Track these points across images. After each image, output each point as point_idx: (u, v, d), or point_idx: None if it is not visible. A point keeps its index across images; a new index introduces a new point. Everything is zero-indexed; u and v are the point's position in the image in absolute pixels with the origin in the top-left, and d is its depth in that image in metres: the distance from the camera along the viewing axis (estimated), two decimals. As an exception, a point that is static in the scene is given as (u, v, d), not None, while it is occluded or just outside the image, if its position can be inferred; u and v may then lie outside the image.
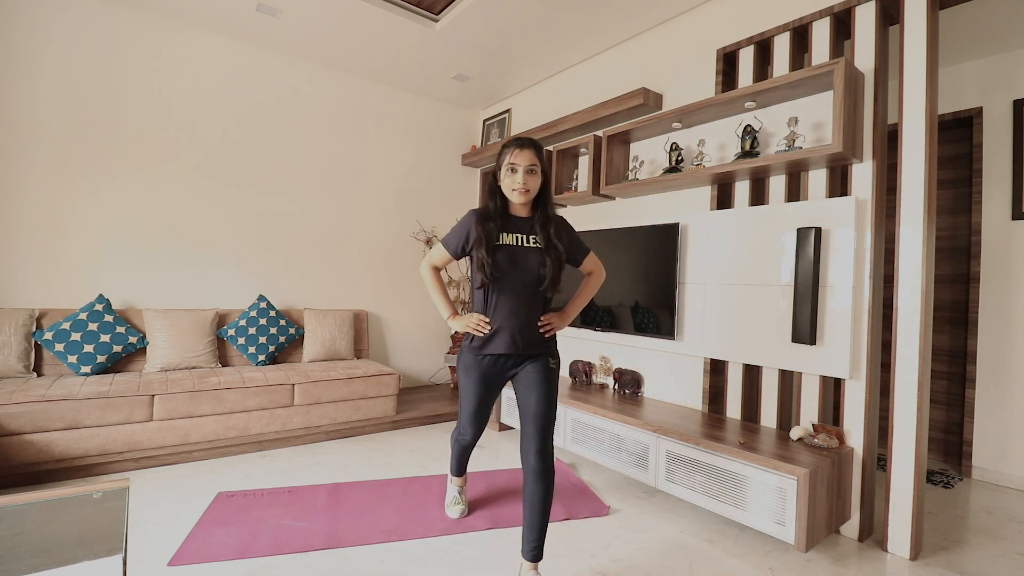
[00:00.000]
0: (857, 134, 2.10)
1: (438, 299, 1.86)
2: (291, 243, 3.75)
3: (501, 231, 1.72)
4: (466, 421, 1.92)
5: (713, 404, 2.64)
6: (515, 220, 1.76)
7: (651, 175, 2.99)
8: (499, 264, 1.67)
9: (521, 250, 1.72)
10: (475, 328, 1.73)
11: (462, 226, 1.77)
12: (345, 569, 1.77)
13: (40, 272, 2.91)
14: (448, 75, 3.95)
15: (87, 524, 0.99)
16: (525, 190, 1.69)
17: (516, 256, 1.70)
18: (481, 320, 1.73)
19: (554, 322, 1.80)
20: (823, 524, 1.93)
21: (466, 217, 1.78)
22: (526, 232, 1.74)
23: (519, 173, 1.68)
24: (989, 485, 2.79)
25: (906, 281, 2.00)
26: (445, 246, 1.81)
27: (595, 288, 1.94)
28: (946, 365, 3.10)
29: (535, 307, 1.75)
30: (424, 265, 1.88)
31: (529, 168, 1.68)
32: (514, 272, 1.70)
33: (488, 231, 1.69)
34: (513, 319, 1.72)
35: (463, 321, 1.78)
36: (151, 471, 2.56)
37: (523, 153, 1.69)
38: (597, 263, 1.92)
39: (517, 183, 1.68)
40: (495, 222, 1.72)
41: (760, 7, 2.53)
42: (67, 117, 2.97)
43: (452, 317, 1.83)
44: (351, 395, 3.20)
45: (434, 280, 1.86)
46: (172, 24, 3.25)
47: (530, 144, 1.70)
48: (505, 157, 1.71)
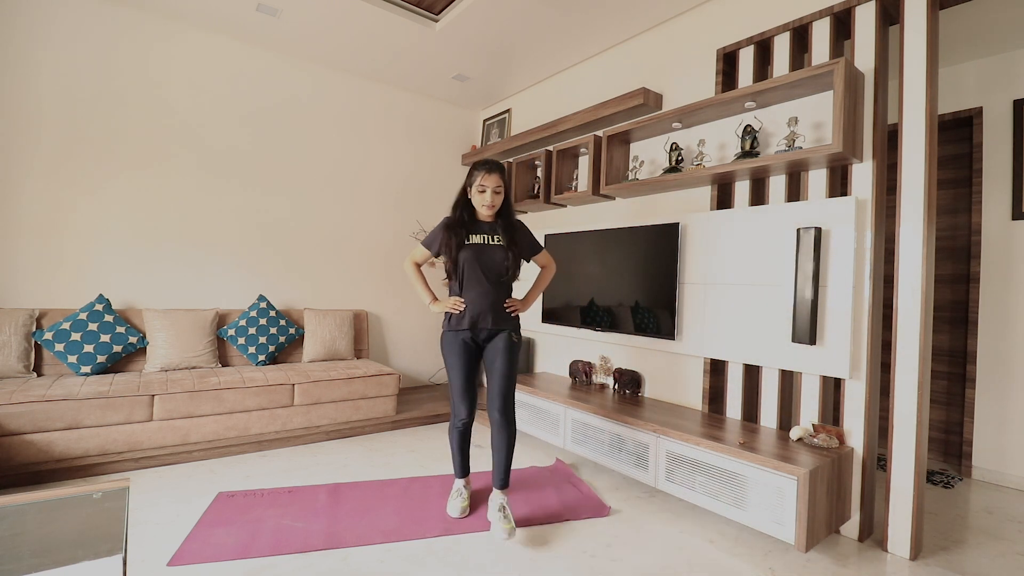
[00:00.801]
0: (857, 134, 2.10)
1: (419, 288, 2.27)
2: (291, 243, 3.75)
3: (470, 233, 2.12)
4: (458, 398, 2.16)
5: (713, 404, 2.64)
6: (481, 224, 2.17)
7: (651, 175, 2.99)
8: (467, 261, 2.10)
9: (487, 247, 2.13)
10: (452, 307, 2.13)
11: (437, 230, 2.19)
12: (345, 569, 1.77)
13: (40, 272, 2.91)
14: (448, 75, 3.95)
15: (87, 524, 0.99)
16: (492, 206, 2.11)
17: (483, 252, 2.11)
18: (457, 300, 2.13)
19: (517, 305, 2.21)
20: (823, 524, 1.93)
21: (441, 223, 2.19)
22: (490, 233, 2.15)
23: (487, 193, 2.09)
24: (989, 485, 2.79)
25: (906, 281, 2.00)
26: (426, 246, 2.22)
27: (548, 278, 2.39)
28: (946, 365, 3.10)
29: (500, 292, 2.15)
30: (407, 262, 2.29)
31: (495, 189, 2.09)
32: (481, 263, 2.10)
33: (457, 237, 2.10)
34: (482, 299, 2.11)
35: (441, 304, 2.18)
36: (151, 471, 2.56)
37: (491, 176, 2.08)
38: (549, 259, 2.37)
39: (486, 201, 2.10)
40: (464, 228, 2.13)
41: (760, 7, 2.53)
42: (66, 116, 2.97)
43: (432, 302, 2.22)
44: (351, 395, 3.20)
45: (415, 273, 2.27)
46: (171, 24, 3.25)
47: (497, 168, 2.10)
48: (476, 178, 2.10)
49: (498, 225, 2.16)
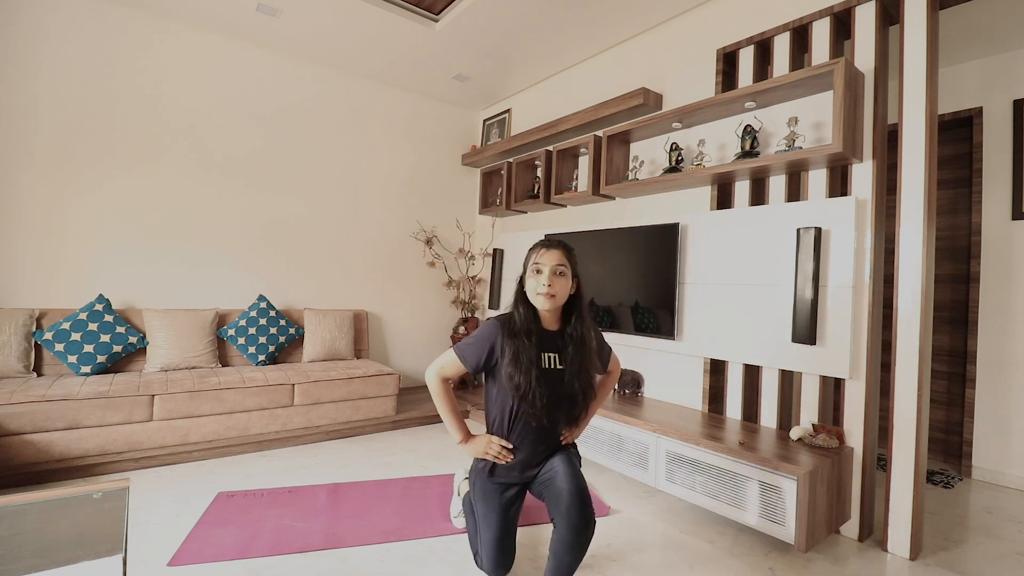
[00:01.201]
0: (857, 134, 2.10)
1: (447, 419, 1.63)
2: (291, 243, 3.75)
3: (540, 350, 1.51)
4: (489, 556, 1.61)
5: (713, 404, 2.64)
6: (545, 336, 1.56)
7: (651, 175, 2.99)
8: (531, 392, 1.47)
9: (552, 373, 1.53)
10: (495, 457, 1.58)
11: (485, 338, 1.55)
12: (345, 569, 1.77)
13: (40, 272, 2.91)
14: (448, 75, 3.95)
15: (87, 524, 0.99)
16: (551, 294, 1.50)
17: (549, 381, 1.52)
18: (502, 447, 1.57)
19: (570, 434, 1.68)
20: (823, 524, 1.93)
21: (490, 328, 1.55)
22: (554, 350, 1.56)
23: (544, 274, 1.50)
24: (989, 485, 2.79)
25: (906, 281, 2.00)
26: (462, 359, 1.57)
27: (611, 389, 1.83)
28: (946, 365, 3.10)
29: (557, 430, 1.62)
30: (432, 375, 1.61)
31: (556, 269, 1.51)
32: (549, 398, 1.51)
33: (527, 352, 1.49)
34: (536, 444, 1.58)
35: (479, 446, 1.60)
36: (151, 471, 2.56)
37: (550, 252, 1.52)
38: (616, 361, 1.81)
39: (542, 285, 1.50)
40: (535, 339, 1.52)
41: (760, 7, 2.53)
42: (65, 116, 2.96)
43: (464, 441, 1.63)
44: (351, 395, 3.20)
45: (443, 394, 1.61)
46: (171, 23, 3.25)
47: (559, 244, 1.55)
48: (531, 257, 1.55)
49: (567, 337, 1.57)
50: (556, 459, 1.59)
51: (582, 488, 1.47)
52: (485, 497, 1.63)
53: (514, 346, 1.49)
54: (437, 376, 1.61)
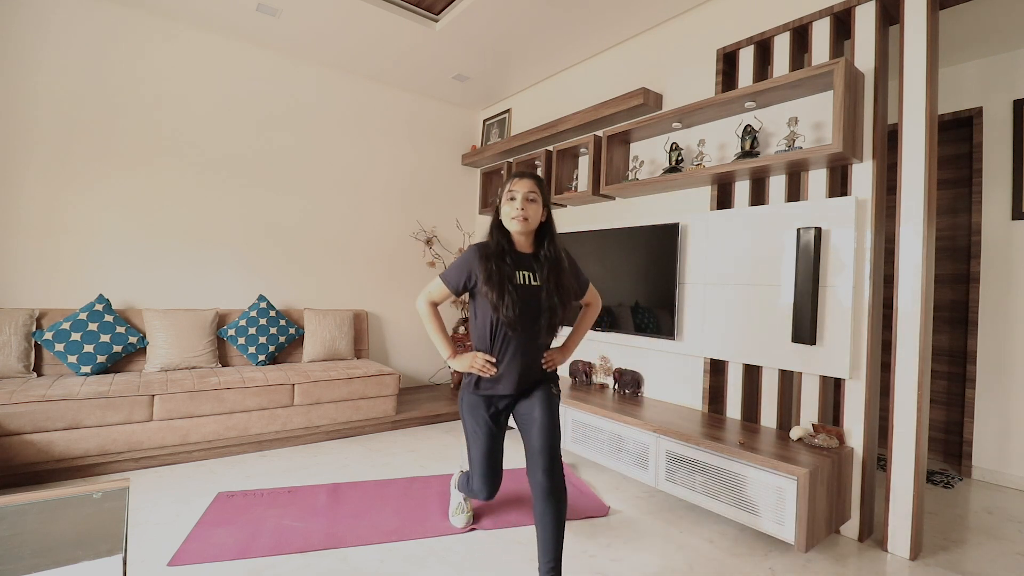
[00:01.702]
0: (857, 134, 2.10)
1: (436, 337, 1.76)
2: (291, 243, 3.75)
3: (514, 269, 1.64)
4: (478, 474, 1.76)
5: (713, 404, 2.64)
6: (520, 257, 1.69)
7: (651, 175, 2.99)
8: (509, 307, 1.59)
9: (527, 289, 1.65)
10: (480, 369, 1.67)
11: (465, 262, 1.67)
12: (345, 569, 1.77)
13: (40, 272, 2.91)
14: (448, 75, 3.95)
15: (87, 524, 0.99)
16: (523, 217, 1.63)
17: (524, 295, 1.63)
18: (486, 360, 1.67)
19: (555, 358, 1.79)
20: (823, 524, 1.93)
21: (469, 253, 1.68)
22: (529, 270, 1.68)
23: (518, 199, 1.64)
24: (989, 485, 2.79)
25: (906, 281, 2.00)
26: (445, 282, 1.71)
27: (593, 319, 1.94)
28: (946, 365, 3.10)
29: (540, 346, 1.73)
30: (421, 300, 1.76)
31: (528, 195, 1.64)
32: (523, 314, 1.62)
33: (503, 270, 1.62)
34: (519, 359, 1.67)
35: (466, 361, 1.71)
36: (151, 471, 2.56)
37: (522, 181, 1.66)
38: (595, 294, 1.92)
39: (515, 209, 1.63)
40: (509, 259, 1.65)
41: (760, 7, 2.53)
42: (65, 115, 2.96)
43: (452, 356, 1.74)
44: (351, 395, 3.20)
45: (432, 316, 1.75)
46: (170, 22, 3.25)
47: (529, 175, 1.69)
48: (506, 187, 1.69)
49: (540, 259, 1.70)
50: (537, 403, 1.71)
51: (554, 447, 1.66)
52: (472, 411, 1.74)
53: (489, 265, 1.62)
54: (426, 301, 1.76)
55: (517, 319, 1.60)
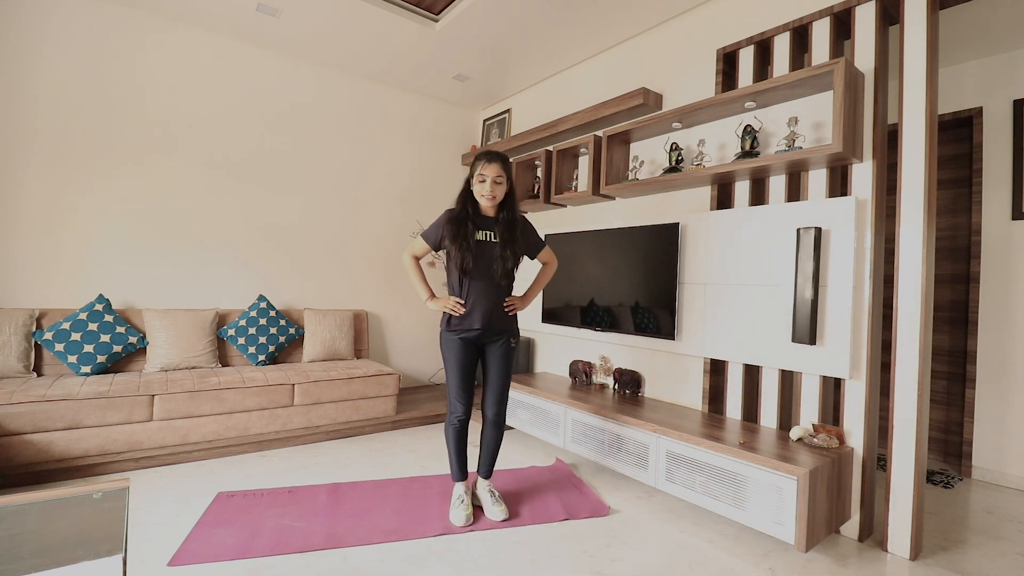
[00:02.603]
0: (857, 134, 2.10)
1: (417, 283, 2.18)
2: (291, 243, 3.75)
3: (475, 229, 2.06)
4: (455, 395, 2.15)
5: (713, 404, 2.64)
6: (484, 219, 2.12)
7: (651, 175, 2.99)
8: (468, 258, 2.02)
9: (488, 244, 2.08)
10: (451, 308, 2.08)
11: (439, 224, 2.11)
12: (345, 569, 1.77)
13: (40, 272, 2.91)
14: (448, 75, 3.95)
15: (87, 524, 0.99)
16: (492, 196, 2.05)
17: (484, 249, 2.07)
18: (457, 302, 2.08)
19: (516, 303, 2.19)
20: (823, 524, 1.93)
21: (443, 216, 2.12)
22: (491, 229, 2.10)
23: (487, 183, 2.04)
24: (989, 485, 2.79)
25: (906, 281, 2.00)
26: (424, 239, 2.14)
27: (549, 275, 2.35)
28: (946, 365, 3.10)
29: (500, 291, 2.13)
30: (405, 254, 2.20)
31: (496, 179, 2.04)
32: (482, 262, 2.06)
33: (464, 230, 2.04)
34: (483, 300, 2.08)
35: (440, 302, 2.12)
36: (151, 471, 2.56)
37: (491, 166, 2.04)
38: (551, 255, 2.35)
39: (485, 191, 2.04)
40: (471, 222, 2.06)
41: (760, 7, 2.53)
42: (64, 115, 2.96)
43: (430, 299, 2.15)
44: (351, 395, 3.20)
45: (414, 267, 2.19)
46: (171, 22, 3.25)
47: (497, 158, 2.06)
48: (476, 168, 2.06)
49: (500, 221, 2.12)
50: (497, 351, 2.17)
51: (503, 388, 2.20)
52: (448, 347, 2.14)
53: (454, 226, 2.05)
54: (409, 255, 2.20)
55: (473, 267, 2.03)
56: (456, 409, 2.15)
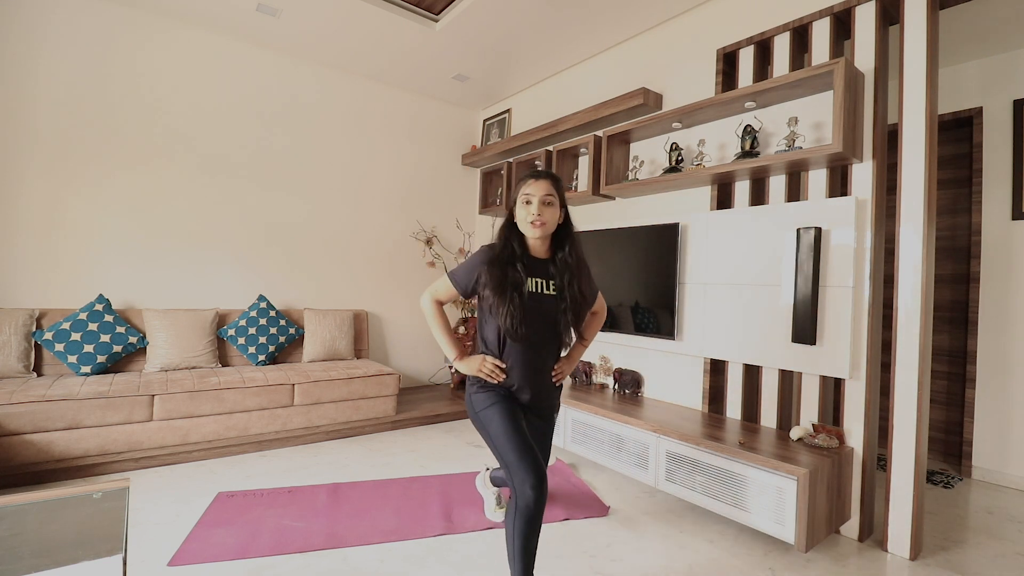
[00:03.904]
0: (857, 134, 2.10)
1: (441, 338, 1.67)
2: (291, 243, 3.75)
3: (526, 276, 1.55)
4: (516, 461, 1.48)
5: (713, 404, 2.64)
6: (534, 262, 1.60)
7: (651, 175, 2.99)
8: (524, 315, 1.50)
9: (541, 297, 1.56)
10: (488, 375, 1.59)
11: (474, 263, 1.59)
12: (345, 569, 1.77)
13: (40, 272, 2.91)
14: (448, 75, 3.94)
15: (87, 524, 0.99)
16: (541, 222, 1.54)
17: (537, 305, 1.55)
18: (495, 366, 1.58)
19: (564, 368, 1.71)
20: (823, 524, 1.93)
21: (479, 254, 1.60)
22: (544, 277, 1.59)
23: (534, 203, 1.54)
24: (989, 485, 2.79)
25: (906, 281, 2.00)
26: (453, 283, 1.62)
27: (598, 329, 1.84)
28: (946, 365, 3.10)
29: (550, 357, 1.64)
30: (426, 298, 1.67)
31: (544, 199, 1.54)
32: (532, 322, 1.54)
33: (512, 277, 1.53)
34: (529, 371, 1.60)
35: (473, 364, 1.61)
36: (151, 471, 2.56)
37: (538, 183, 1.56)
38: (602, 303, 1.83)
39: (532, 213, 1.54)
40: (520, 264, 1.56)
41: (760, 7, 2.53)
42: (64, 115, 2.96)
43: (459, 358, 1.64)
44: (351, 395, 3.20)
45: (437, 316, 1.66)
46: (171, 23, 3.25)
47: (546, 175, 1.58)
48: (520, 189, 1.59)
49: (556, 263, 1.60)
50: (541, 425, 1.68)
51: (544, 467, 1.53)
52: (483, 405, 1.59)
53: (498, 271, 1.53)
54: (431, 299, 1.67)
55: (522, 331, 1.51)
56: (523, 486, 1.45)
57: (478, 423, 1.61)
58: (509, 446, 1.50)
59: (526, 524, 1.46)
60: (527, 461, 1.47)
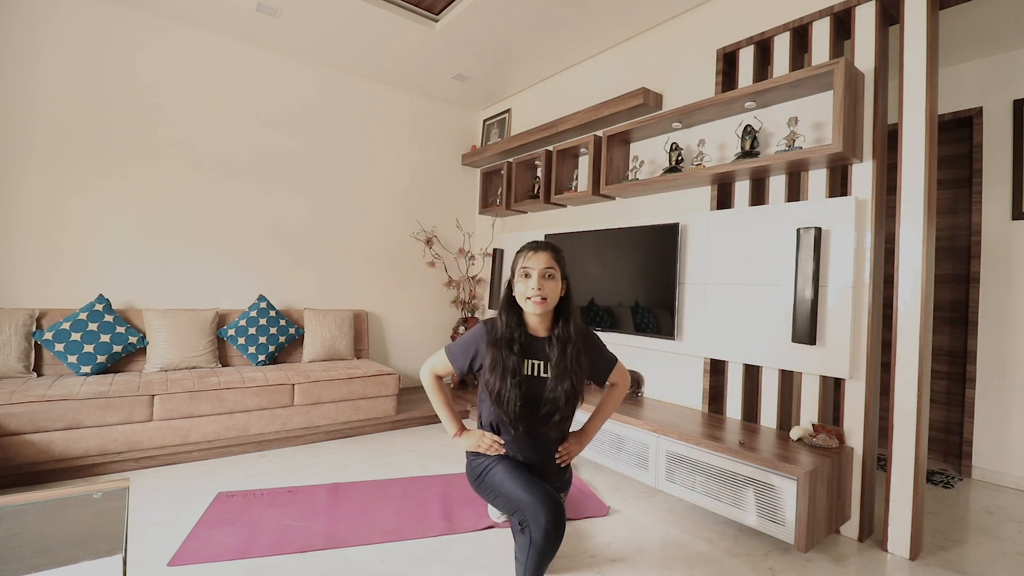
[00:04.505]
0: (857, 134, 2.10)
1: (442, 412, 1.69)
2: (291, 243, 3.75)
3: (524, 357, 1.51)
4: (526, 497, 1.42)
5: (713, 404, 2.64)
6: (533, 342, 1.55)
7: (651, 175, 2.99)
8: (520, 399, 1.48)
9: (537, 381, 1.53)
10: (486, 448, 1.58)
11: (471, 341, 1.57)
12: (345, 569, 1.77)
13: (40, 272, 2.91)
14: (448, 75, 3.94)
15: (87, 524, 0.99)
16: (541, 298, 1.48)
17: (533, 388, 1.51)
18: (494, 440, 1.57)
19: (572, 449, 1.65)
20: (823, 524, 1.93)
21: (477, 331, 1.58)
22: (543, 358, 1.54)
23: (533, 277, 1.49)
24: (989, 485, 2.79)
25: (906, 281, 2.00)
26: (451, 360, 1.62)
27: (618, 402, 1.74)
28: (946, 365, 3.10)
29: (551, 439, 1.60)
30: (425, 371, 1.70)
31: (544, 272, 1.50)
32: (529, 406, 1.51)
33: (511, 359, 1.49)
34: (529, 452, 1.56)
35: (471, 440, 1.60)
36: (151, 471, 2.56)
37: (538, 255, 1.51)
38: (624, 374, 1.74)
39: (531, 289, 1.48)
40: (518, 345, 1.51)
41: (760, 7, 2.53)
42: (64, 115, 2.96)
43: (458, 434, 1.64)
44: (351, 395, 3.20)
45: (437, 390, 1.69)
46: (171, 23, 3.25)
47: (546, 246, 1.53)
48: (519, 261, 1.54)
49: (552, 342, 1.54)
50: None
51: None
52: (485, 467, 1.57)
53: (494, 353, 1.50)
54: (431, 374, 1.69)
55: (519, 417, 1.48)
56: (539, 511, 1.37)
57: (482, 487, 1.58)
58: (515, 485, 1.45)
59: (540, 557, 1.37)
60: (538, 493, 1.41)
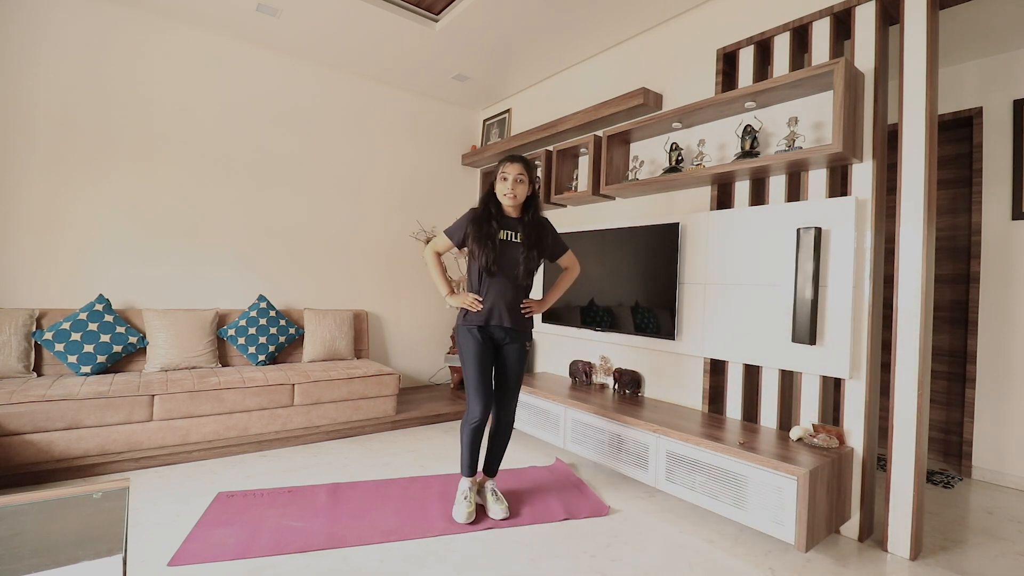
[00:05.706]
0: (857, 134, 2.10)
1: (438, 279, 2.24)
2: (291, 243, 3.75)
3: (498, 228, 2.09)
4: (473, 394, 2.11)
5: (713, 404, 2.64)
6: (507, 220, 2.14)
7: (651, 175, 2.99)
8: (488, 257, 2.04)
9: (511, 244, 2.11)
10: (469, 304, 2.11)
11: (463, 222, 2.14)
12: (345, 569, 1.77)
13: (40, 272, 2.91)
14: (448, 75, 3.95)
15: (87, 524, 0.99)
16: (513, 195, 2.08)
17: (506, 249, 2.09)
18: (475, 299, 2.11)
19: (533, 306, 2.20)
20: (823, 524, 1.93)
21: (466, 214, 2.16)
22: (515, 229, 2.13)
23: (509, 181, 2.07)
24: (989, 485, 2.79)
25: (906, 281, 2.00)
26: (448, 236, 2.17)
27: (570, 281, 2.32)
28: (946, 365, 3.10)
29: (518, 291, 2.14)
30: (428, 251, 2.24)
31: (517, 177, 2.07)
32: (504, 261, 2.08)
33: (487, 230, 2.07)
34: (500, 299, 2.11)
35: (459, 298, 2.16)
36: (151, 471, 2.56)
37: (512, 165, 2.08)
38: (574, 260, 2.32)
39: (506, 189, 2.08)
40: (494, 221, 2.09)
41: (760, 7, 2.53)
42: (64, 115, 2.96)
43: (450, 294, 2.21)
44: (351, 395, 3.20)
45: (435, 264, 2.23)
46: (170, 22, 3.25)
47: (519, 159, 2.10)
48: (499, 168, 2.11)
49: (522, 222, 2.14)
50: (513, 354, 2.18)
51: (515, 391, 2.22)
52: (466, 344, 2.14)
53: (477, 225, 2.09)
54: (432, 251, 2.24)
55: (495, 267, 2.06)
56: (473, 409, 2.12)
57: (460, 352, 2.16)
58: (471, 382, 2.11)
59: (471, 433, 2.14)
60: (481, 393, 2.10)
